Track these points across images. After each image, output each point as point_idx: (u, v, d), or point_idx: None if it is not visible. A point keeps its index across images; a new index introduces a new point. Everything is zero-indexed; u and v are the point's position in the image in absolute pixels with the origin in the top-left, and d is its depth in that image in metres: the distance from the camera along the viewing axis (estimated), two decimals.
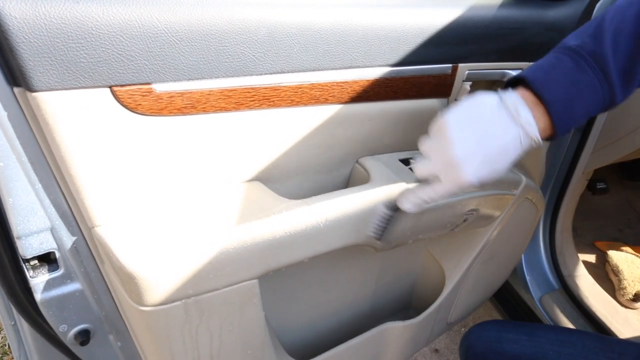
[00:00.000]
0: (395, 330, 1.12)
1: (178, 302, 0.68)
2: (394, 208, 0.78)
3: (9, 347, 1.68)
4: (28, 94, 0.55)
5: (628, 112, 1.27)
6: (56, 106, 0.57)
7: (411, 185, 0.85)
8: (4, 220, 0.65)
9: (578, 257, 1.58)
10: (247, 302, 0.76)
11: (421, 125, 0.94)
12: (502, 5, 0.88)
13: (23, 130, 0.60)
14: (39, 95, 0.55)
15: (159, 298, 0.66)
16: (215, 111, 0.68)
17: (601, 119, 1.31)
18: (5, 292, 0.69)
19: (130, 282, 0.63)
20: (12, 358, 1.64)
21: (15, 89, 0.57)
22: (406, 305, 1.35)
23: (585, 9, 0.96)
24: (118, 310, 0.80)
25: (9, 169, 0.60)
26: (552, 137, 0.66)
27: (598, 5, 1.15)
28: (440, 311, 1.18)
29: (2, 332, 1.73)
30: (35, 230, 0.65)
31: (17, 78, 0.55)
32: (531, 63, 0.94)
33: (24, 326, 0.79)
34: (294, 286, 1.02)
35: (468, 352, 1.07)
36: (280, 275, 0.92)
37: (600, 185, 1.55)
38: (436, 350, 1.75)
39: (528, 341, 1.00)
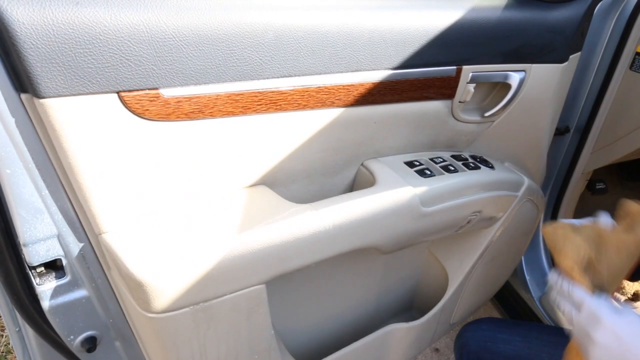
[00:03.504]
0: (399, 332, 1.12)
1: (186, 309, 0.67)
2: None
3: (12, 346, 1.67)
4: (35, 100, 0.55)
5: (627, 113, 1.28)
6: (63, 112, 0.56)
7: (416, 188, 0.85)
8: (10, 227, 0.64)
9: None
10: (254, 307, 0.76)
11: (425, 127, 0.94)
12: (504, 8, 0.88)
13: (30, 137, 0.59)
14: (46, 101, 0.54)
15: (167, 305, 0.65)
16: (223, 116, 0.68)
17: (600, 119, 1.32)
18: (11, 299, 0.69)
19: (138, 289, 0.63)
20: (15, 357, 1.63)
21: (23, 96, 0.56)
22: (409, 307, 1.35)
23: (585, 11, 0.96)
24: (125, 317, 0.79)
25: (16, 175, 0.59)
26: None
27: (598, 7, 1.16)
28: (443, 312, 1.19)
29: (6, 331, 1.72)
30: (42, 237, 0.64)
31: (25, 84, 0.54)
32: (533, 65, 0.95)
33: (29, 332, 0.78)
34: (298, 289, 1.02)
35: (462, 350, 1.08)
36: (284, 279, 0.92)
37: (600, 186, 1.55)
38: (436, 350, 1.75)
39: (522, 342, 1.01)
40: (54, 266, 0.68)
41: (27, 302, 0.69)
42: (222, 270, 0.67)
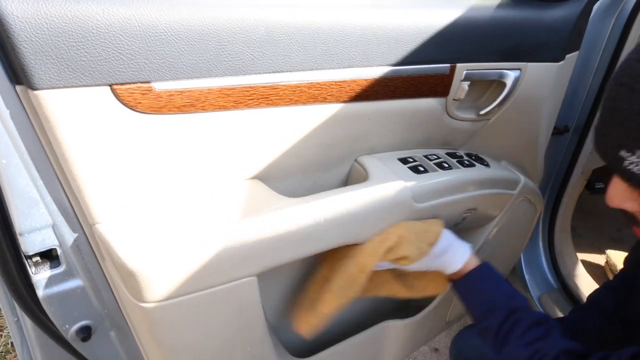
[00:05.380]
0: (394, 329, 1.12)
1: (178, 299, 0.69)
2: None
3: (11, 345, 1.69)
4: (30, 92, 0.56)
5: None
6: (57, 104, 0.57)
7: (409, 184, 0.86)
8: (7, 217, 0.66)
9: (577, 257, 1.59)
10: (246, 299, 0.77)
11: (419, 125, 0.95)
12: (499, 6, 0.89)
13: (25, 128, 0.61)
14: (40, 93, 0.56)
15: (160, 295, 0.66)
16: (215, 110, 0.69)
17: None
18: (8, 289, 0.70)
19: (130, 278, 0.64)
20: (15, 356, 1.65)
21: (18, 87, 0.58)
22: (405, 304, 1.35)
23: (582, 11, 0.96)
24: (119, 307, 0.81)
25: (11, 166, 0.61)
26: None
27: (597, 6, 1.16)
28: (438, 310, 1.19)
29: (5, 331, 1.75)
30: (37, 227, 0.66)
31: (19, 76, 0.56)
32: (528, 63, 0.96)
33: (27, 323, 0.80)
34: (293, 283, 1.02)
35: (459, 357, 1.08)
36: (278, 273, 0.93)
37: (599, 185, 1.55)
38: (436, 349, 1.75)
39: None
40: (49, 256, 0.70)
41: (24, 291, 0.70)
42: (214, 261, 0.69)
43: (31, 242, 0.66)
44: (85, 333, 0.76)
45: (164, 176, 0.71)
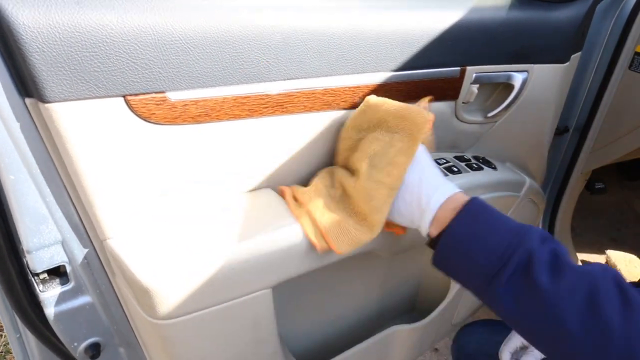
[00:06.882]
0: (401, 334, 1.11)
1: (192, 314, 0.67)
2: None
3: (13, 353, 1.65)
4: (40, 104, 0.54)
5: (626, 113, 1.29)
6: (69, 117, 0.55)
7: None
8: (12, 233, 0.63)
9: (577, 257, 1.60)
10: (260, 312, 0.75)
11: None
12: (507, 8, 0.88)
13: (34, 142, 0.58)
14: (51, 106, 0.53)
15: (173, 311, 0.64)
16: (229, 119, 0.67)
17: (599, 119, 1.32)
18: (12, 306, 0.67)
19: (144, 295, 0.62)
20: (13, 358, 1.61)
21: (27, 100, 0.55)
22: (411, 309, 1.35)
23: (587, 11, 0.96)
24: (129, 323, 0.78)
25: (20, 181, 0.58)
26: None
27: (599, 7, 1.17)
28: (445, 313, 1.18)
29: (5, 330, 1.71)
30: (46, 244, 0.63)
31: (30, 89, 0.53)
32: (535, 65, 0.95)
33: (30, 339, 0.77)
34: (301, 292, 1.01)
35: (460, 354, 1.08)
36: (287, 282, 0.91)
37: (599, 185, 1.56)
38: (436, 349, 1.75)
39: None
40: (57, 272, 0.67)
41: (29, 309, 0.68)
42: (228, 275, 0.67)
43: (39, 259, 0.64)
44: (95, 350, 0.74)
45: (177, 188, 0.68)
